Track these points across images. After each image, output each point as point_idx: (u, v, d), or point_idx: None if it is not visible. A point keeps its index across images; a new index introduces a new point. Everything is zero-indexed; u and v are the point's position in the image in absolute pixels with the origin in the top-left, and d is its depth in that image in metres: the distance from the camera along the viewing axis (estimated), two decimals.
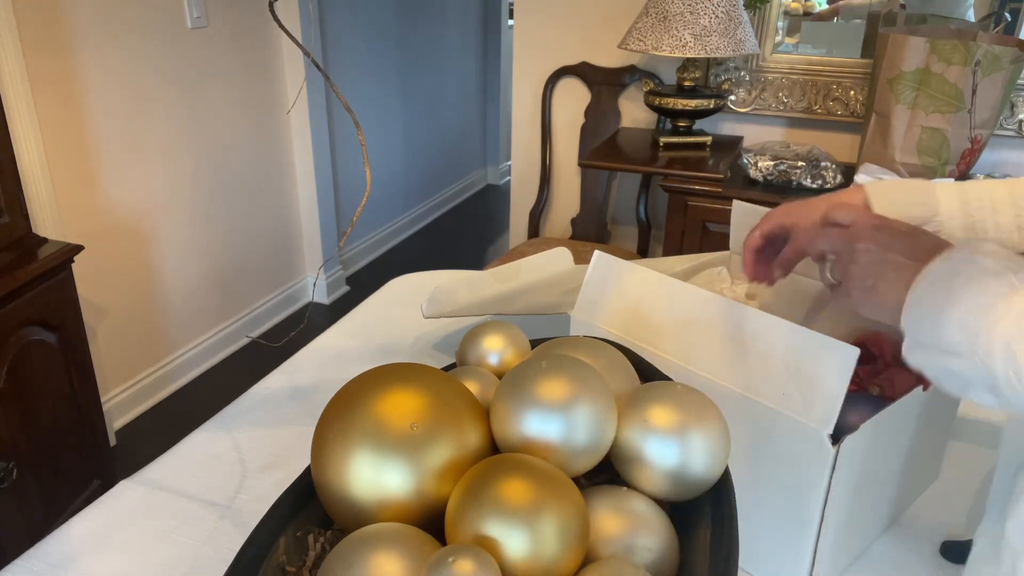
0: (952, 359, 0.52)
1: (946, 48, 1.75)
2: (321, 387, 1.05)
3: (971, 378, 0.51)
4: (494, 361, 0.63)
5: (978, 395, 0.52)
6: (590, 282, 0.82)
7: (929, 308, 0.53)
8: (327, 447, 0.51)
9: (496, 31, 4.40)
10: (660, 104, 2.11)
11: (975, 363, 0.50)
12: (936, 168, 1.86)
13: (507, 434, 0.52)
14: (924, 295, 0.54)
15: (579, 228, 2.58)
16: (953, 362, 0.52)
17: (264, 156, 2.80)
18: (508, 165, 4.70)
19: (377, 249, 3.68)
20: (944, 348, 0.52)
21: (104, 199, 2.20)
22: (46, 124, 1.99)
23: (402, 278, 1.38)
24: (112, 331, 2.30)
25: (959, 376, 0.52)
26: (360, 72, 3.28)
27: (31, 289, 1.61)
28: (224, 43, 2.51)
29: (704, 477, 0.52)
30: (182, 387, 2.59)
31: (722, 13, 1.92)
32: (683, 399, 0.53)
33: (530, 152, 2.61)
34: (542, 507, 0.45)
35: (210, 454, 0.91)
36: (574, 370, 0.53)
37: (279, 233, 2.97)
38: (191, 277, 2.57)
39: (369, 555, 0.45)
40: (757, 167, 2.00)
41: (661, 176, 2.06)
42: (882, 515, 0.78)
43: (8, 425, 1.57)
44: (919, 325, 0.54)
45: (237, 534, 0.79)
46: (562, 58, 2.46)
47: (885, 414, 0.67)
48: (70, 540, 0.78)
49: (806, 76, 2.20)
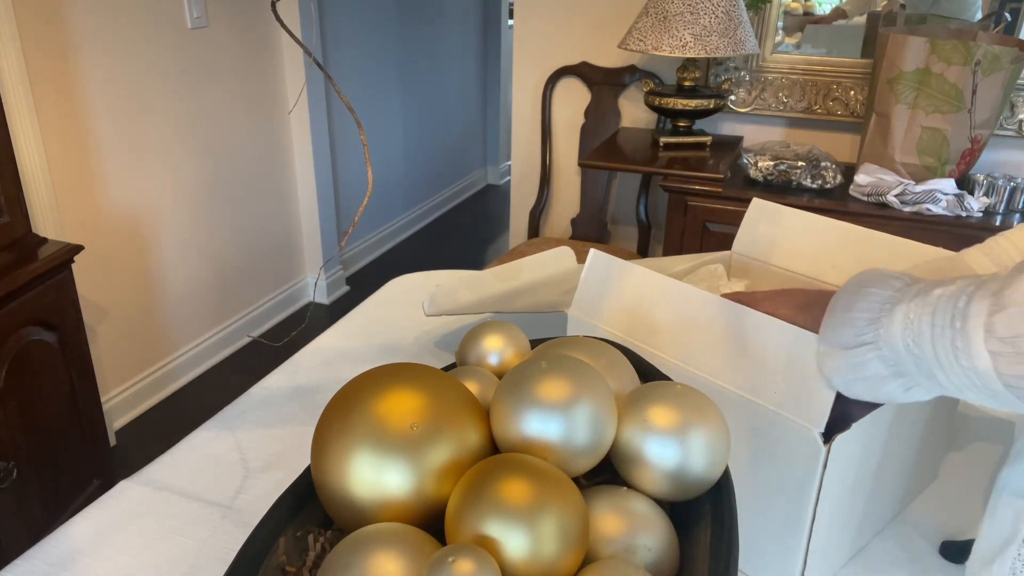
0: (859, 351, 0.56)
1: (946, 48, 1.75)
2: (321, 387, 1.05)
3: (876, 364, 0.55)
4: (494, 361, 0.63)
5: (884, 382, 0.55)
6: (587, 281, 0.82)
7: (842, 310, 0.58)
8: (327, 447, 0.51)
9: (496, 31, 4.40)
10: (660, 104, 2.11)
11: (878, 344, 0.54)
12: (936, 168, 1.86)
13: (507, 434, 0.52)
14: (838, 302, 0.59)
15: (579, 228, 2.58)
16: (858, 353, 0.56)
17: (264, 156, 2.80)
18: (508, 165, 4.70)
19: (377, 249, 3.68)
20: (855, 342, 0.56)
21: (104, 199, 2.20)
22: (46, 124, 1.99)
23: (402, 278, 1.38)
24: (112, 331, 2.30)
25: (865, 366, 0.56)
26: (360, 72, 3.28)
27: (31, 289, 1.61)
28: (224, 43, 2.51)
29: (704, 477, 0.52)
30: (182, 387, 2.59)
31: (722, 13, 1.92)
32: (683, 399, 0.53)
33: (530, 152, 2.61)
34: (542, 507, 0.45)
35: (210, 454, 0.91)
36: (574, 370, 0.53)
37: (279, 233, 2.97)
38: (191, 277, 2.57)
39: (369, 555, 0.45)
40: (757, 167, 2.00)
41: (661, 176, 2.06)
42: (879, 514, 0.78)
43: (8, 425, 1.57)
44: (835, 328, 0.58)
45: (237, 534, 0.79)
46: (562, 58, 2.46)
47: (878, 413, 0.67)
48: (70, 540, 0.78)
49: (806, 76, 2.20)
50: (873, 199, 1.88)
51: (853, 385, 0.58)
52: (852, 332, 0.56)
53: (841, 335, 0.58)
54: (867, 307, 0.56)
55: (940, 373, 0.51)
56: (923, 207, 1.82)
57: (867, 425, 0.67)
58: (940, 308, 0.50)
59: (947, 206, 1.81)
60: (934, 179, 1.85)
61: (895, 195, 1.84)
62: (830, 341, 0.59)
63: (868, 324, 0.55)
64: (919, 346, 0.51)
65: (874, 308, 0.55)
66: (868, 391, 0.57)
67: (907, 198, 1.83)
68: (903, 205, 1.84)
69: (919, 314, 0.51)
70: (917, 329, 0.51)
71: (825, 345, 0.60)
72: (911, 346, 0.51)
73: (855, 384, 0.58)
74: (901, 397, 0.56)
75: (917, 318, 0.51)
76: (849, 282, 0.60)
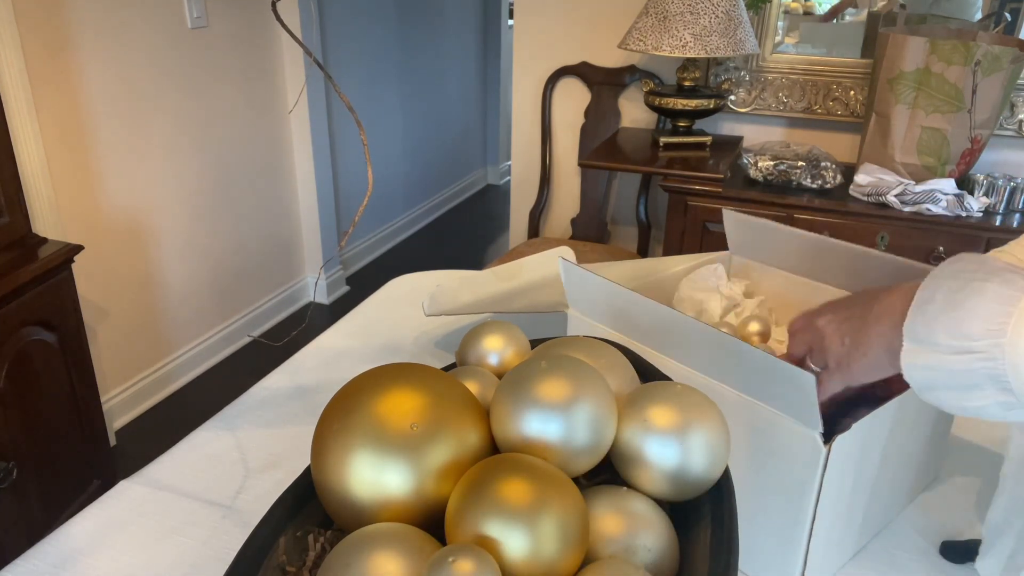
0: (963, 358, 0.47)
1: (946, 48, 1.75)
2: (321, 387, 1.05)
3: (982, 377, 0.47)
4: (494, 361, 0.63)
5: (983, 398, 0.48)
6: (568, 286, 0.83)
7: (943, 305, 0.49)
8: (327, 447, 0.51)
9: (496, 31, 4.40)
10: (660, 104, 2.11)
11: (994, 357, 0.46)
12: (936, 168, 1.86)
13: (507, 434, 0.52)
14: (936, 292, 0.50)
15: (579, 228, 2.58)
16: (963, 361, 0.47)
17: (264, 156, 2.80)
18: (508, 165, 4.70)
19: (377, 249, 3.68)
20: (958, 347, 0.48)
21: (104, 199, 2.20)
22: (46, 124, 1.99)
23: (402, 278, 1.38)
24: (112, 331, 2.30)
25: (967, 377, 0.48)
26: (360, 72, 3.28)
27: (31, 289, 1.61)
28: (224, 43, 2.51)
29: (704, 477, 0.52)
30: (182, 387, 2.59)
31: (722, 13, 1.92)
32: (683, 399, 0.53)
33: (530, 152, 2.61)
34: (542, 507, 0.45)
35: (211, 454, 0.91)
36: (574, 370, 0.52)
37: (279, 233, 2.97)
38: (191, 277, 2.57)
39: (369, 555, 0.45)
40: (757, 167, 2.00)
41: (661, 176, 2.06)
42: (879, 514, 0.78)
43: (8, 425, 1.57)
44: (931, 324, 0.50)
45: (237, 534, 0.79)
46: (562, 58, 2.46)
47: (878, 413, 0.67)
48: (70, 540, 0.78)
49: (806, 76, 2.20)
50: (873, 199, 1.88)
51: (942, 394, 0.50)
52: (958, 335, 0.47)
53: (939, 334, 0.49)
54: (982, 308, 0.47)
55: None
56: (923, 207, 1.82)
57: (867, 425, 0.66)
58: None
59: (947, 206, 1.81)
60: (934, 179, 1.85)
61: (895, 195, 1.84)
62: (920, 338, 0.50)
63: (984, 330, 0.46)
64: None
65: (992, 310, 0.46)
66: (956, 401, 0.49)
67: (907, 198, 1.83)
68: (903, 205, 1.84)
69: None
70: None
71: (912, 342, 0.51)
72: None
73: (944, 393, 0.50)
74: (997, 415, 0.48)
75: None
76: (945, 267, 0.51)
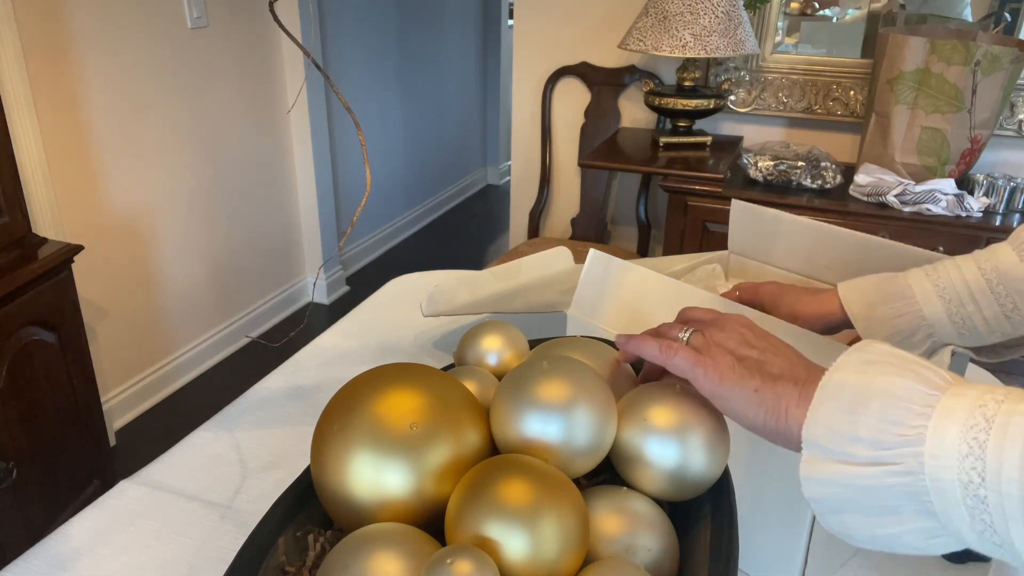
0: (873, 471, 0.39)
1: (946, 48, 1.75)
2: (321, 387, 1.05)
3: (898, 496, 0.39)
4: (492, 361, 0.63)
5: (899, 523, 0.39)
6: (586, 281, 0.82)
7: (848, 404, 0.41)
8: (327, 447, 0.51)
9: (496, 31, 4.40)
10: (660, 104, 2.11)
11: (911, 470, 0.38)
12: (936, 168, 1.86)
13: (507, 435, 0.52)
14: (841, 390, 0.42)
15: (579, 228, 2.58)
16: (874, 475, 0.39)
17: (264, 156, 2.80)
18: (508, 165, 4.70)
19: (377, 249, 3.68)
20: (867, 457, 0.39)
21: (104, 199, 2.20)
22: (46, 124, 1.99)
23: (402, 278, 1.38)
24: (112, 331, 2.30)
25: (879, 495, 0.39)
26: (360, 72, 3.28)
27: (31, 289, 1.61)
28: (224, 43, 2.51)
29: (704, 477, 0.52)
30: (182, 387, 2.59)
31: (722, 13, 1.92)
32: (683, 399, 0.53)
33: (530, 152, 2.61)
34: (542, 508, 0.45)
35: (210, 454, 0.91)
36: (574, 371, 0.53)
37: (279, 233, 2.97)
38: (191, 277, 2.57)
39: (369, 555, 0.45)
40: (757, 167, 2.00)
41: (661, 176, 2.06)
42: None
43: (8, 425, 1.57)
44: (834, 428, 0.41)
45: (237, 534, 0.79)
46: (562, 58, 2.46)
47: None
48: (70, 540, 0.78)
49: (806, 76, 2.20)
50: (873, 199, 1.88)
51: (848, 517, 0.41)
52: (863, 442, 0.39)
53: (841, 441, 0.40)
54: (892, 408, 0.39)
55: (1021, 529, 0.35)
56: (923, 207, 1.82)
57: None
58: None
59: (947, 206, 1.81)
60: (934, 179, 1.85)
61: (895, 195, 1.84)
62: (818, 445, 0.42)
63: (897, 436, 0.38)
64: (991, 486, 0.35)
65: (903, 413, 0.39)
66: (867, 529, 0.40)
67: (907, 198, 1.83)
68: (903, 205, 1.84)
69: (1003, 438, 0.35)
70: (995, 460, 0.35)
71: (811, 450, 0.42)
72: (973, 483, 0.36)
73: (851, 517, 0.41)
74: (915, 546, 0.39)
75: (997, 443, 0.35)
76: (850, 356, 0.43)
